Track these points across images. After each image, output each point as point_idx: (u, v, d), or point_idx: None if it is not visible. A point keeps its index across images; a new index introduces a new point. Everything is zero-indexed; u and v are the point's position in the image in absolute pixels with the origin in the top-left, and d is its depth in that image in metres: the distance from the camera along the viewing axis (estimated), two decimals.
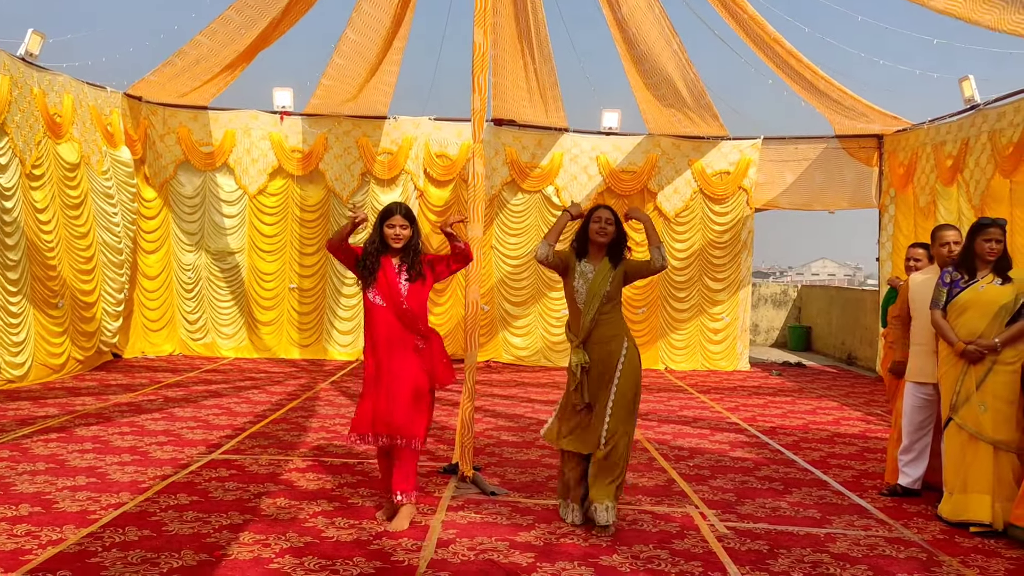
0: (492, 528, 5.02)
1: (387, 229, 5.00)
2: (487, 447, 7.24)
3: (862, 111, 11.68)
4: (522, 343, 13.31)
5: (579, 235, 5.28)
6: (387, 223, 5.01)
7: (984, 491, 5.23)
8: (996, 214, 9.19)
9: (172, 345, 12.85)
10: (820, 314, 17.11)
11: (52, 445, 6.71)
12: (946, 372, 5.50)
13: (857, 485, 6.39)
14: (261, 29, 10.13)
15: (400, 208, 5.05)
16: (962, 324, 5.40)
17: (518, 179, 13.07)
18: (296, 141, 12.90)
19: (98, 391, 9.41)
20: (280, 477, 6.00)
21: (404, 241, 5.00)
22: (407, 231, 5.01)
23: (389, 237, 5.00)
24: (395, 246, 5.00)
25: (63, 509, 5.06)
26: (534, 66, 11.43)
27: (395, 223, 4.99)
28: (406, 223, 5.01)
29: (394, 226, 4.99)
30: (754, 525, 5.28)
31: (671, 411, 9.48)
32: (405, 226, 5.01)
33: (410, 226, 5.03)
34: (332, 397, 9.60)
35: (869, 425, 9.01)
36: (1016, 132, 9.38)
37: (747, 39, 10.45)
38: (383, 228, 5.01)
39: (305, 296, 13.10)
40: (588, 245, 5.25)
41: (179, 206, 12.82)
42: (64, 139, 10.26)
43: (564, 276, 5.29)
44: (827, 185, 13.39)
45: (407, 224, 5.02)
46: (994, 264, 5.38)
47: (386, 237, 5.01)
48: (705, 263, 13.43)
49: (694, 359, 13.52)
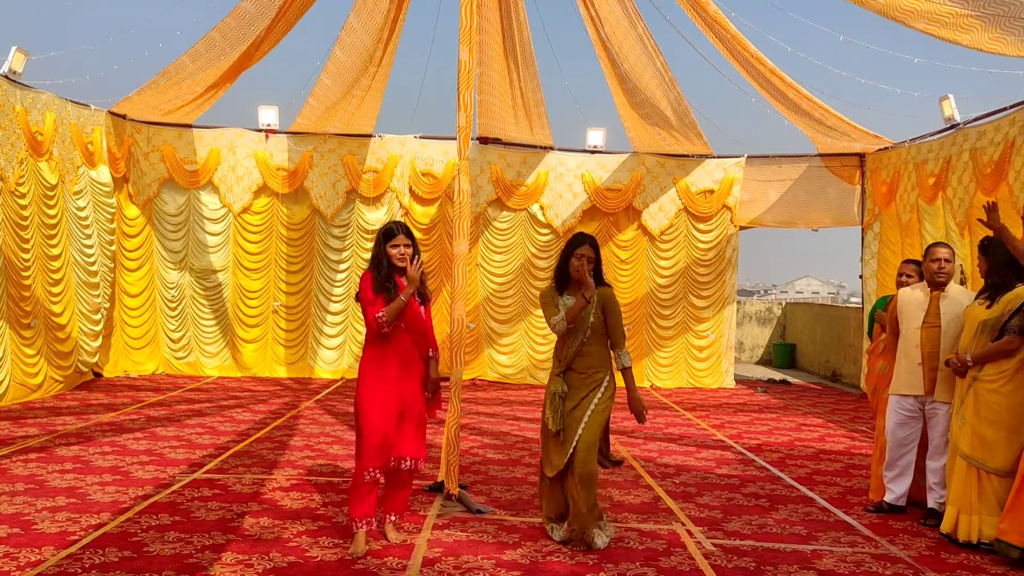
0: (478, 546, 4.98)
1: (391, 249, 4.93)
2: (473, 465, 7.20)
3: (844, 130, 11.78)
4: (508, 361, 13.29)
5: (559, 269, 5.23)
6: (391, 243, 4.94)
7: (952, 503, 5.34)
8: (983, 231, 9.25)
9: (155, 364, 12.74)
10: (804, 332, 17.18)
11: (32, 465, 6.61)
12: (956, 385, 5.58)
13: (843, 502, 6.39)
14: (244, 49, 10.13)
15: (400, 227, 5.01)
16: (960, 341, 5.55)
17: (504, 197, 13.10)
18: (281, 159, 12.88)
19: (79, 411, 9.31)
20: (263, 496, 5.94)
21: (409, 259, 4.96)
22: (410, 249, 4.98)
23: (394, 257, 4.93)
24: (401, 265, 4.94)
25: (42, 530, 4.98)
26: (520, 84, 11.49)
27: (399, 242, 4.93)
28: (409, 241, 4.99)
29: (398, 245, 4.93)
30: (741, 542, 5.27)
31: (657, 428, 9.47)
32: (409, 244, 4.98)
33: (412, 244, 5.02)
34: (317, 415, 9.54)
35: (854, 442, 9.03)
36: (996, 151, 9.48)
37: (730, 58, 10.54)
38: (387, 249, 4.94)
39: (291, 314, 13.03)
40: (568, 280, 5.20)
41: (163, 224, 12.75)
42: (44, 157, 10.20)
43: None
44: (810, 203, 13.49)
45: (410, 243, 4.99)
46: (987, 283, 5.46)
47: (391, 258, 4.94)
48: (690, 281, 13.47)
49: (679, 376, 13.53)
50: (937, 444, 5.82)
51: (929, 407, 5.86)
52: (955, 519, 5.31)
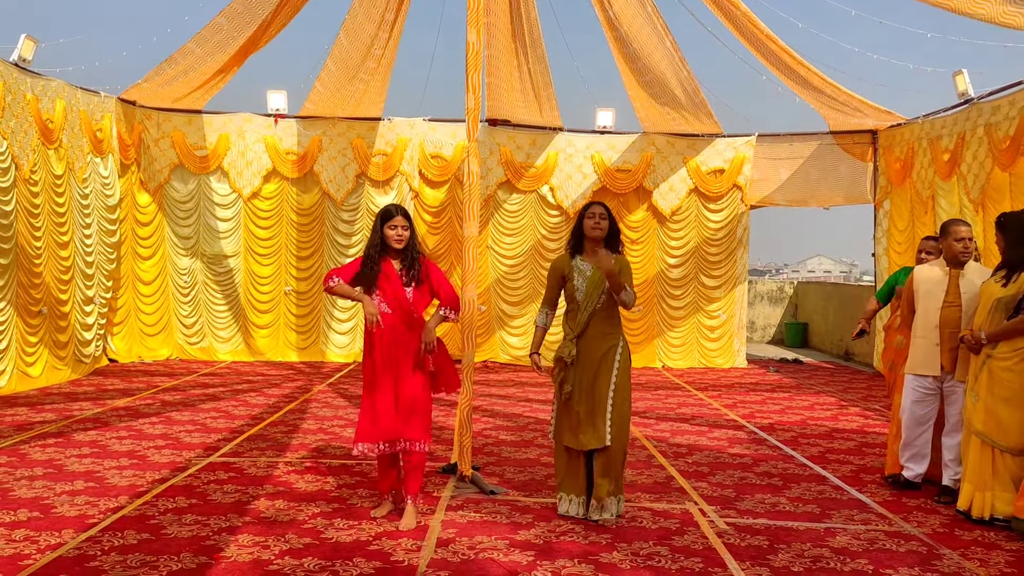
0: (491, 527, 5.01)
1: (388, 231, 5.06)
2: (485, 447, 7.23)
3: (856, 106, 11.68)
4: (519, 343, 13.30)
5: (574, 232, 5.37)
6: (388, 224, 5.07)
7: (968, 480, 5.33)
8: (997, 207, 9.21)
9: (169, 349, 12.82)
10: (817, 310, 17.12)
11: (50, 450, 6.68)
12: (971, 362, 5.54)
13: (856, 480, 6.39)
14: (251, 33, 10.11)
15: (399, 209, 5.15)
16: (974, 318, 5.51)
17: (513, 179, 13.07)
18: (291, 143, 12.89)
19: (95, 396, 9.38)
20: (279, 479, 5.99)
21: (405, 242, 5.08)
22: (407, 232, 5.10)
23: (391, 239, 5.06)
24: (397, 247, 5.08)
25: (61, 513, 5.04)
26: (528, 66, 11.43)
27: (396, 224, 5.06)
28: (407, 224, 5.12)
29: (396, 227, 5.06)
30: (754, 521, 5.28)
31: (669, 408, 9.48)
32: (406, 227, 5.10)
33: (410, 227, 5.12)
34: (330, 399, 9.59)
35: (867, 420, 9.02)
36: (1012, 125, 9.38)
37: (740, 36, 10.44)
38: (384, 230, 5.06)
39: (302, 299, 13.07)
40: (584, 242, 5.31)
41: (173, 210, 12.79)
42: (54, 145, 10.22)
43: (565, 283, 5.30)
44: (822, 181, 13.40)
45: (407, 225, 5.12)
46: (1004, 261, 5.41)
47: (387, 239, 5.06)
48: (701, 260, 13.43)
49: (691, 357, 13.52)
50: (954, 422, 5.78)
51: (948, 385, 5.83)
52: (971, 496, 5.30)
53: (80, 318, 11.01)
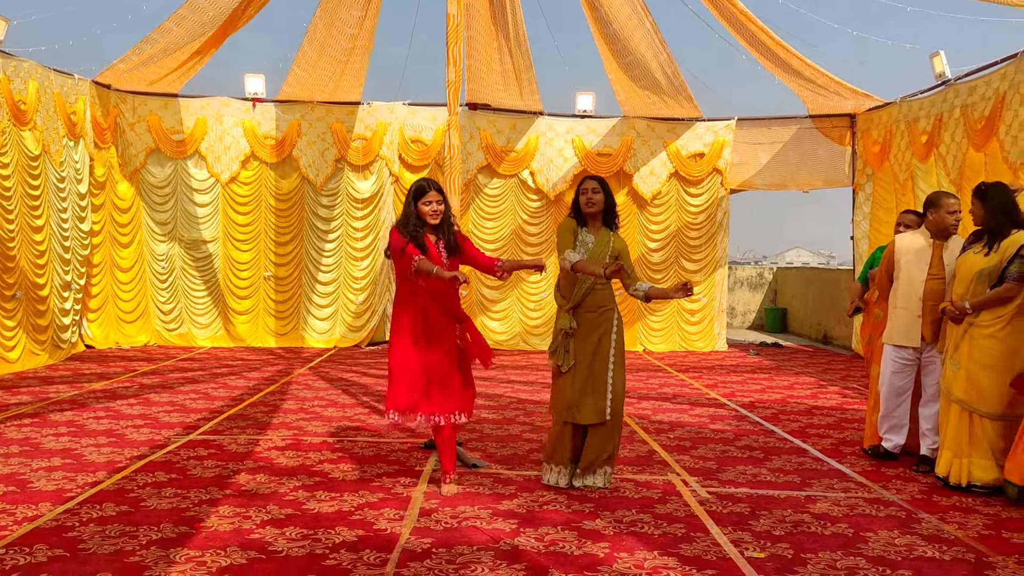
0: (474, 498, 5.00)
1: (424, 207, 4.96)
2: (467, 424, 7.20)
3: (835, 89, 11.75)
4: (500, 327, 13.28)
5: (573, 206, 5.35)
6: (422, 200, 4.96)
7: (946, 447, 5.40)
8: (972, 188, 9.26)
9: (147, 336, 12.70)
10: (796, 296, 17.22)
11: (26, 430, 6.60)
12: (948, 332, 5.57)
13: (836, 452, 6.44)
14: (229, 12, 10.00)
15: (432, 184, 5.03)
16: (953, 288, 5.52)
17: (494, 163, 13.03)
18: (269, 128, 12.77)
19: (72, 379, 9.27)
20: (259, 455, 5.95)
21: (441, 216, 5.00)
22: (443, 206, 5.03)
23: (427, 215, 4.97)
24: (432, 222, 4.99)
25: (39, 488, 4.98)
26: (508, 49, 11.39)
27: (431, 199, 4.97)
28: (441, 198, 5.03)
29: (431, 202, 4.97)
30: (735, 490, 5.30)
31: (650, 388, 9.50)
32: (441, 201, 5.02)
33: (444, 200, 5.04)
34: (311, 381, 9.53)
35: (846, 398, 9.09)
36: (987, 105, 9.47)
37: (720, 17, 10.47)
38: (419, 206, 4.96)
39: (281, 284, 12.98)
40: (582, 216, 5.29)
41: (150, 195, 12.64)
42: (28, 127, 10.06)
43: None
44: (801, 165, 13.48)
45: (442, 199, 5.03)
46: (983, 230, 5.43)
47: (423, 215, 4.97)
48: (681, 244, 13.47)
49: (672, 340, 13.57)
50: (932, 392, 5.83)
51: (927, 355, 5.88)
52: (949, 463, 5.36)
53: (58, 303, 10.86)
